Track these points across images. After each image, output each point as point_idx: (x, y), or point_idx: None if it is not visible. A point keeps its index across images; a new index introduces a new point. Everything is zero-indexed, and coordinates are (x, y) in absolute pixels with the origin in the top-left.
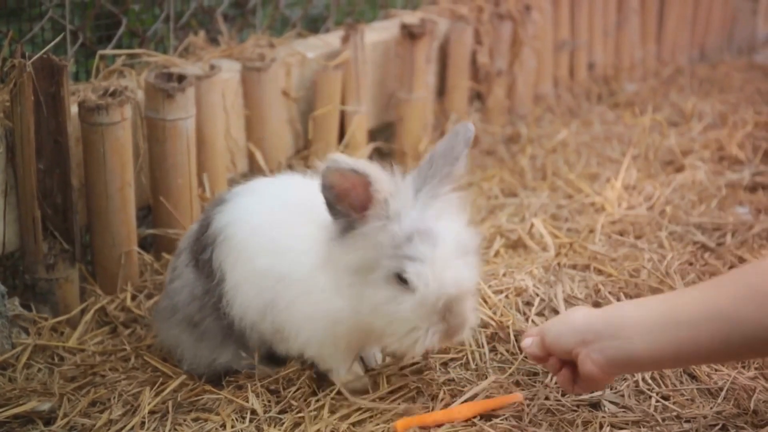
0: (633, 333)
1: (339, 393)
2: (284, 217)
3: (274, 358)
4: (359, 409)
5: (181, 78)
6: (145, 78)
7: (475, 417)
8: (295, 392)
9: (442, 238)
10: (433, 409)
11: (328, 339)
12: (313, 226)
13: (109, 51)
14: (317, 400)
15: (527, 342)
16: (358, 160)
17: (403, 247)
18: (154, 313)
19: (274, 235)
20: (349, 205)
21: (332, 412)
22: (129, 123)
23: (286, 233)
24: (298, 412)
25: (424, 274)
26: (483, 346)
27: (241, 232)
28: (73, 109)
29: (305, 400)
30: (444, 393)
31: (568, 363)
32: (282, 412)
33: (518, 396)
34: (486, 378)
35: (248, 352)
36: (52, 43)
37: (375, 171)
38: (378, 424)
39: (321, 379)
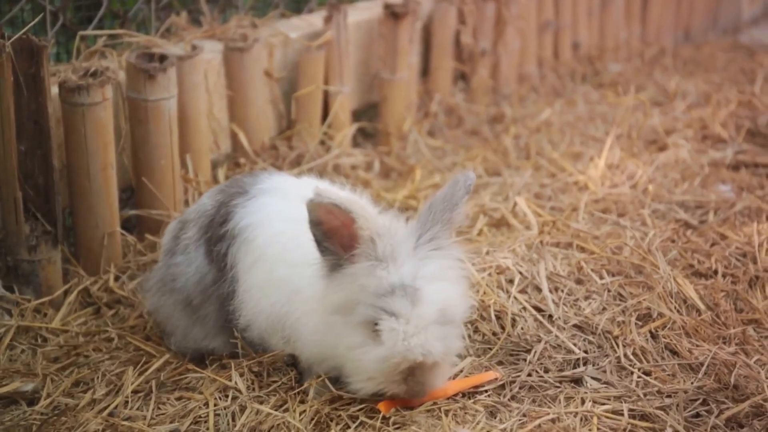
0: None
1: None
2: (306, 228)
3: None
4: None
5: (162, 58)
6: (126, 58)
7: (456, 395)
8: (279, 378)
9: (425, 300)
10: None
11: (322, 361)
12: None
13: (90, 32)
14: (300, 386)
15: None
16: (345, 196)
17: (384, 298)
18: (145, 281)
19: (293, 245)
20: (337, 243)
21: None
22: (110, 103)
23: (306, 245)
24: (286, 392)
25: (395, 332)
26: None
27: (261, 237)
28: (54, 90)
29: (290, 386)
30: None
31: None
32: (267, 393)
33: (495, 374)
34: (468, 358)
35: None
36: (32, 24)
37: (360, 207)
38: (361, 408)
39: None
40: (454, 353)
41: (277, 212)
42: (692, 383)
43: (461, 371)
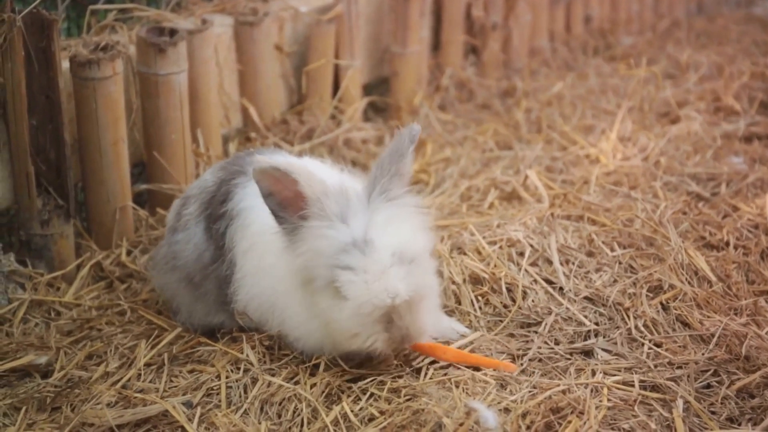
0: None
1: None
2: None
3: None
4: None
5: (172, 33)
6: (136, 33)
7: (460, 364)
8: (291, 351)
9: (378, 247)
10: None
11: (320, 352)
12: None
13: (100, 6)
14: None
15: None
16: (291, 161)
17: (337, 256)
18: (151, 259)
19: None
20: (291, 210)
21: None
22: (121, 78)
23: None
24: (297, 365)
25: (355, 284)
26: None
27: (256, 222)
28: (65, 64)
29: (301, 359)
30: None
31: None
32: (278, 366)
33: (514, 367)
34: (478, 332)
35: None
36: None
37: (305, 170)
38: (371, 380)
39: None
40: (427, 290)
41: None
42: (703, 354)
43: (471, 343)
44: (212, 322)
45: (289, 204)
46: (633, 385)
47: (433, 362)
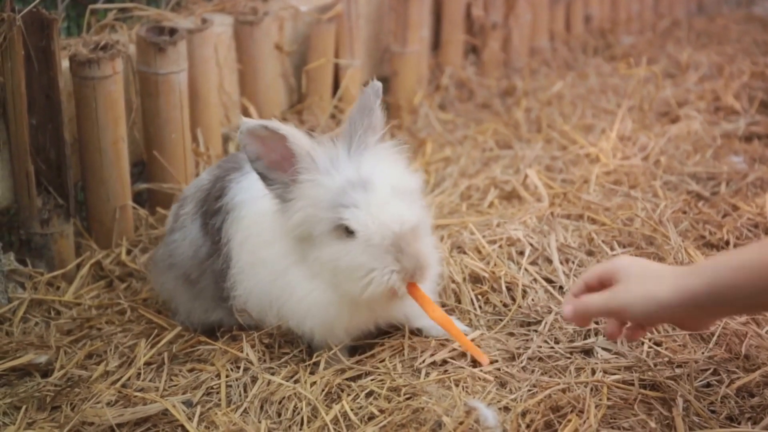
0: (733, 297)
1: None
2: None
3: None
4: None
5: (172, 32)
6: (136, 32)
7: (442, 327)
8: (291, 350)
9: (376, 183)
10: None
11: (327, 326)
12: None
13: (100, 5)
14: (313, 356)
15: (568, 310)
16: (270, 120)
17: (338, 198)
18: (150, 261)
19: (273, 226)
20: (280, 171)
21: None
22: (121, 77)
23: (279, 223)
24: (297, 363)
25: (362, 218)
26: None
27: (250, 216)
28: (64, 63)
29: (301, 358)
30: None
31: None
32: (278, 365)
33: (486, 359)
34: (478, 330)
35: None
36: None
37: (287, 127)
38: (372, 379)
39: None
40: (425, 220)
41: (265, 190)
42: (703, 353)
43: (472, 340)
44: (210, 319)
45: (277, 165)
46: (633, 384)
47: (433, 362)
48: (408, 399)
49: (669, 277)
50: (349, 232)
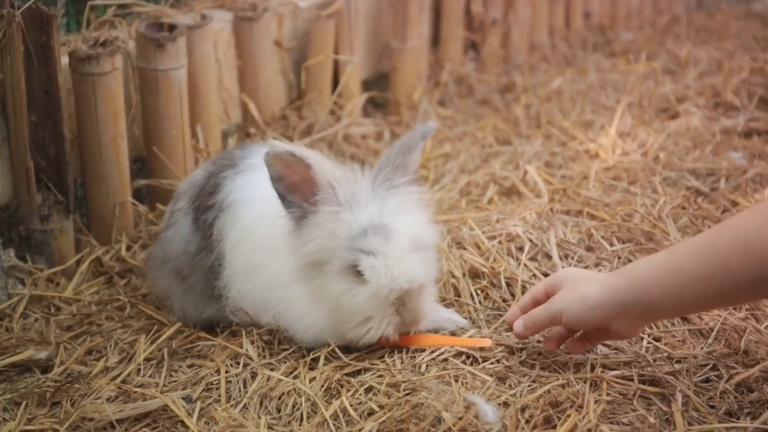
0: (657, 297)
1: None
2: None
3: None
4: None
5: (172, 28)
6: (136, 28)
7: (438, 346)
8: (290, 346)
9: (397, 233)
10: None
11: (323, 342)
12: None
13: (99, 2)
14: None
15: (518, 325)
16: (298, 146)
17: (358, 239)
18: (147, 258)
19: (271, 231)
20: (300, 196)
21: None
22: (120, 73)
23: (282, 228)
24: (296, 359)
25: (377, 268)
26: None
27: (245, 219)
28: (64, 59)
29: (301, 354)
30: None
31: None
32: (278, 361)
33: (488, 341)
34: (478, 327)
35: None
36: None
37: (315, 156)
38: (372, 374)
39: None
40: (434, 276)
41: (262, 192)
42: (702, 348)
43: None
44: (203, 315)
45: (297, 188)
46: (632, 380)
47: (432, 357)
48: (407, 394)
49: (598, 278)
50: (360, 273)
